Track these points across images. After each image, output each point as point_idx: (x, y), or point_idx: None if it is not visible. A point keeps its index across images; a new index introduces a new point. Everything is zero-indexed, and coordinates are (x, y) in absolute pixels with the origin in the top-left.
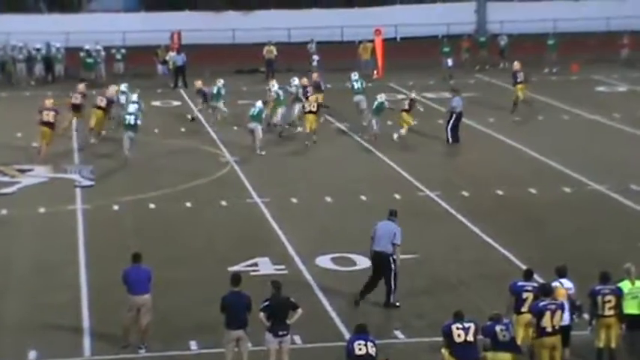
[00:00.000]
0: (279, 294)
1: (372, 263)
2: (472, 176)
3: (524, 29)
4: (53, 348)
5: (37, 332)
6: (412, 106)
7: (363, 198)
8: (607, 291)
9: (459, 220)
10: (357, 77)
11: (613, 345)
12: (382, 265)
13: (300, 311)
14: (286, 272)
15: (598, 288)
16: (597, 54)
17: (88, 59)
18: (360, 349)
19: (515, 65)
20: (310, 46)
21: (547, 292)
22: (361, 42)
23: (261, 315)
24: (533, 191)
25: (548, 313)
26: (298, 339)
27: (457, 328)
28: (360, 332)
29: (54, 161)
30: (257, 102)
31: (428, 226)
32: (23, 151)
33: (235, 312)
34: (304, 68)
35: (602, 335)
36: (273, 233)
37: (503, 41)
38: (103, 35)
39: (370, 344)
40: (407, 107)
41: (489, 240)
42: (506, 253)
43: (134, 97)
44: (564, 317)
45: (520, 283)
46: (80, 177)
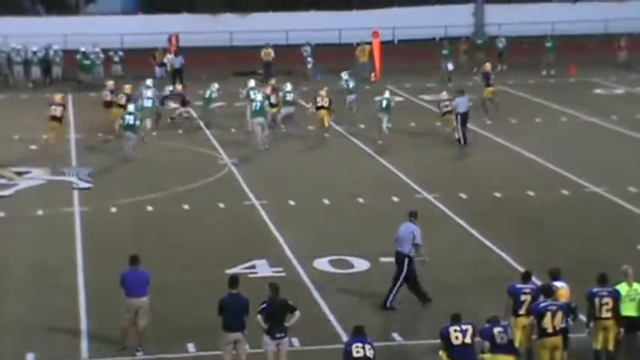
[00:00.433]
0: (276, 296)
1: (396, 264)
2: (470, 178)
3: (521, 32)
4: (51, 350)
5: (35, 334)
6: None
7: (361, 200)
8: (604, 293)
9: (457, 223)
10: (348, 76)
11: (610, 347)
12: (397, 265)
13: (297, 314)
14: (284, 274)
15: (595, 290)
16: (595, 56)
17: (85, 61)
18: (358, 352)
19: (486, 66)
20: (304, 49)
21: (548, 293)
22: (359, 44)
23: (258, 317)
24: (531, 193)
25: (549, 314)
26: (296, 341)
27: (455, 331)
28: (358, 334)
29: (51, 163)
30: (257, 96)
31: (426, 229)
32: (21, 154)
33: (233, 314)
34: (302, 71)
35: (599, 337)
36: (270, 235)
37: (501, 44)
38: (101, 38)
39: (368, 347)
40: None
41: (487, 242)
42: (504, 256)
43: (149, 94)
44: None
45: (518, 286)
46: (78, 179)
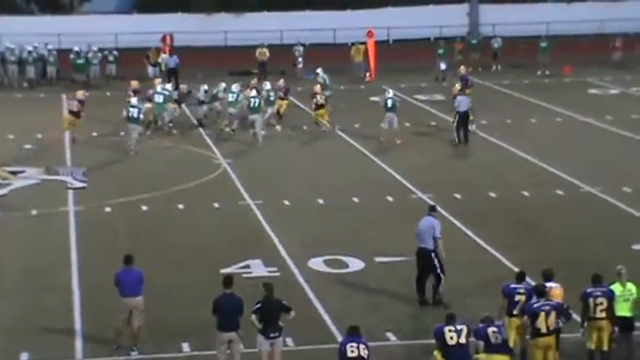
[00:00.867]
0: (271, 296)
1: (417, 261)
2: (465, 179)
3: (516, 32)
4: (45, 350)
5: (29, 334)
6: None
7: (355, 200)
8: (599, 293)
9: (452, 223)
10: (323, 73)
11: (605, 347)
12: (425, 262)
13: (292, 313)
14: (278, 274)
15: (590, 290)
16: (590, 56)
17: (79, 60)
18: (353, 352)
19: (461, 69)
20: (297, 49)
21: (541, 293)
22: (354, 44)
23: (252, 317)
24: (526, 194)
25: (542, 314)
26: (290, 341)
27: (449, 331)
28: (353, 334)
29: (46, 163)
30: (251, 93)
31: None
32: (15, 153)
33: (227, 314)
34: (299, 70)
35: (594, 337)
36: (265, 235)
37: (496, 44)
38: (96, 37)
39: (362, 346)
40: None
41: (482, 242)
42: (498, 256)
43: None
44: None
45: (512, 286)
46: (72, 179)
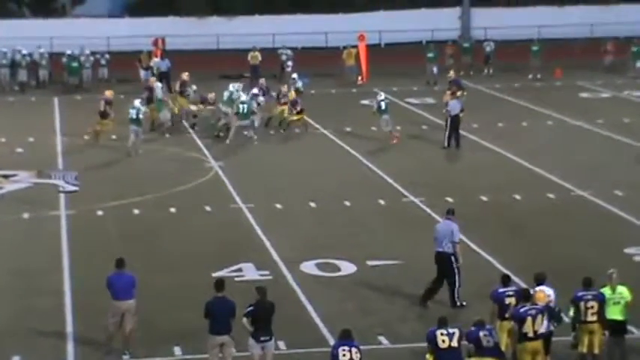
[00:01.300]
0: (263, 300)
1: (436, 265)
2: (456, 182)
3: (508, 35)
4: (37, 354)
5: (21, 338)
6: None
7: (347, 203)
8: (589, 297)
9: None
10: (297, 77)
11: (596, 351)
12: (444, 266)
13: None
14: (271, 278)
15: (580, 294)
16: (581, 60)
17: (73, 63)
18: (345, 355)
19: (451, 74)
20: (284, 52)
21: (527, 297)
22: (345, 47)
23: (244, 320)
24: (517, 197)
25: (529, 319)
26: (282, 344)
27: (441, 334)
28: (345, 338)
29: (38, 167)
30: (242, 97)
31: (412, 232)
32: (7, 157)
33: (219, 317)
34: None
35: (585, 341)
36: (257, 239)
37: (489, 47)
38: (88, 40)
39: (354, 350)
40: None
41: (474, 246)
42: (490, 259)
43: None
44: (544, 324)
45: (501, 290)
46: (64, 182)
